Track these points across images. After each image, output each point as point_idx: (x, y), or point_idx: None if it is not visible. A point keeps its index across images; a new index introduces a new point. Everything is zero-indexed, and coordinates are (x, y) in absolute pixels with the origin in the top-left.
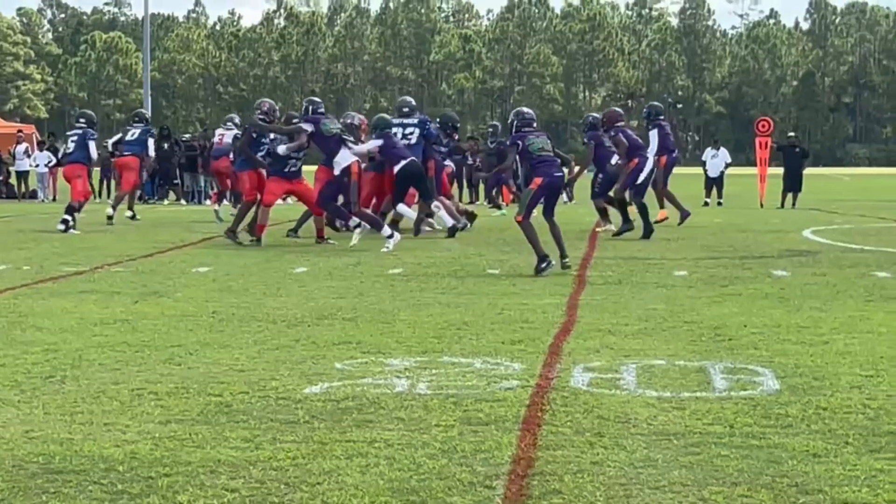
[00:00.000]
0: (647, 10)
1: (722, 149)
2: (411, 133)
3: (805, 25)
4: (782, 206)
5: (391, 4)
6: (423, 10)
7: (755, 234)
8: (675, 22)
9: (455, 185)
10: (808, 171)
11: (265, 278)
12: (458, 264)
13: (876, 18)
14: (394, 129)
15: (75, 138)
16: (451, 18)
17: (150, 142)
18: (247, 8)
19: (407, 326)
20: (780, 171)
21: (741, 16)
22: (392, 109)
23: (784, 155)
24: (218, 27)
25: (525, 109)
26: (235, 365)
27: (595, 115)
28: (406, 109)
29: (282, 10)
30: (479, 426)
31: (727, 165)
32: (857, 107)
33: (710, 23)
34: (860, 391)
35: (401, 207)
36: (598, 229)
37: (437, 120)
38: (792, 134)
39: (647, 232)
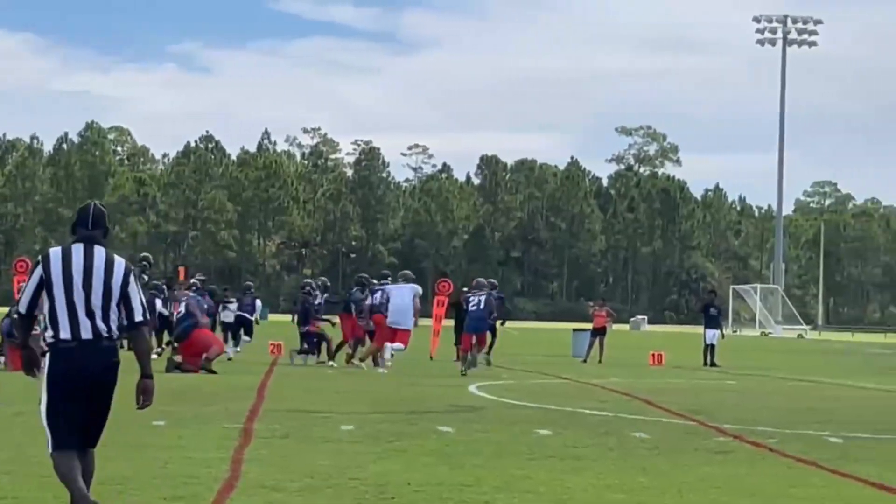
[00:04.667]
0: (322, 160)
1: None
2: None
3: (476, 180)
4: (457, 358)
5: (64, 146)
6: (97, 153)
7: (423, 388)
8: (349, 172)
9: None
10: None
11: None
12: (121, 414)
13: (544, 176)
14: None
15: None
16: (126, 161)
17: None
18: None
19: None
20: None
21: (415, 169)
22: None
23: (457, 310)
24: None
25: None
26: None
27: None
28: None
29: None
30: None
31: None
32: (525, 261)
33: (384, 174)
34: None
35: None
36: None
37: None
38: (465, 289)
39: None
